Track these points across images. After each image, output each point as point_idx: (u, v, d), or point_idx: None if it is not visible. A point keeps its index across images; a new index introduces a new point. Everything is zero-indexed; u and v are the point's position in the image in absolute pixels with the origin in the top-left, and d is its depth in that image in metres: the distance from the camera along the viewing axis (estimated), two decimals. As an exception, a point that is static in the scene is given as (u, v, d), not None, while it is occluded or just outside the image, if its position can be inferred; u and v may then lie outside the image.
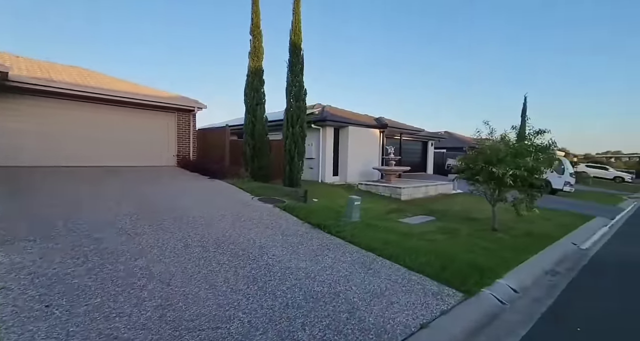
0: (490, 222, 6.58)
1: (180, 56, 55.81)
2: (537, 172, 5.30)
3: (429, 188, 10.71)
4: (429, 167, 19.22)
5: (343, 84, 57.55)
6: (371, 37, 44.94)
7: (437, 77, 55.68)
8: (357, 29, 45.17)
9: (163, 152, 10.46)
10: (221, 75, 73.87)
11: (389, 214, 7.93)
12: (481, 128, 6.17)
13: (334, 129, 12.27)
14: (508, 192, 5.91)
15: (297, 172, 8.42)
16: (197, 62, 59.17)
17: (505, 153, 5.40)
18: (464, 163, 6.21)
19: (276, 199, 7.04)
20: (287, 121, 8.26)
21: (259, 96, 9.34)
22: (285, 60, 8.20)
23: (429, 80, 57.59)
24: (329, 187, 11.26)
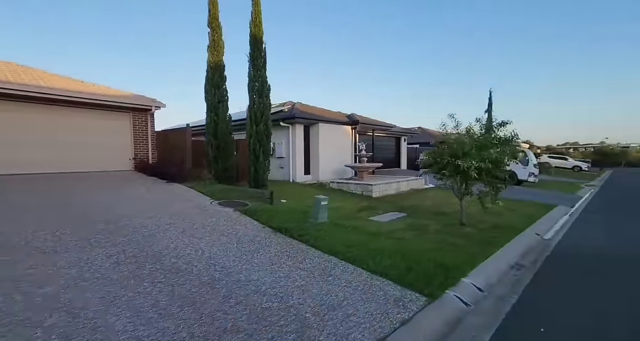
0: (459, 216, 6.54)
1: (137, 52, 51.06)
2: (501, 164, 5.26)
3: (401, 184, 10.65)
4: (403, 162, 19.39)
5: (317, 83, 56.97)
6: (344, 34, 44.47)
7: (409, 74, 56.71)
8: (324, 26, 44.42)
9: (118, 155, 9.62)
10: (188, 73, 70.84)
11: (359, 213, 7.72)
12: (447, 122, 6.08)
13: (304, 127, 11.92)
14: (474, 185, 5.86)
15: (263, 172, 8.00)
16: (162, 59, 54.66)
17: (470, 147, 5.31)
18: (431, 158, 6.09)
19: (238, 202, 6.60)
20: (251, 119, 7.80)
21: (221, 93, 8.79)
22: (247, 53, 7.72)
23: (402, 77, 58.50)
24: (300, 186, 10.91)
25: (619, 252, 5.27)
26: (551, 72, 61.65)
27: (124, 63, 47.57)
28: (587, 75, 62.30)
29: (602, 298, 3.50)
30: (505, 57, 53.93)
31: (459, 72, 57.92)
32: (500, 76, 55.31)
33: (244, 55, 7.88)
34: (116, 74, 47.65)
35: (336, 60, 49.25)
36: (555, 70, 57.30)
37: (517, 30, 44.72)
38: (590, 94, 77.41)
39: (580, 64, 56.78)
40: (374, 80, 60.44)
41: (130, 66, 47.15)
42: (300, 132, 11.81)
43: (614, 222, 7.79)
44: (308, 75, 53.94)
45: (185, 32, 33.15)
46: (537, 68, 54.84)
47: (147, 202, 5.92)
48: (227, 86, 9.00)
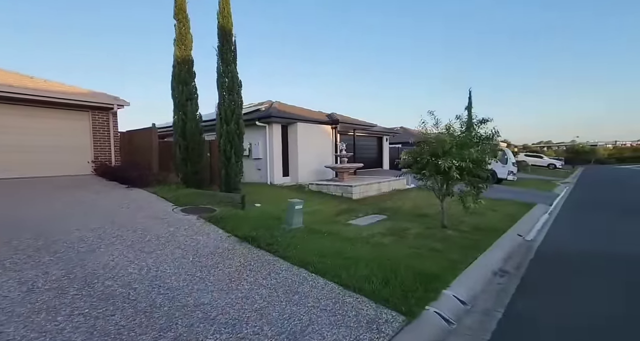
0: (440, 218, 6.26)
1: (101, 49, 45.19)
2: (482, 163, 5.01)
3: (382, 185, 10.37)
4: (385, 162, 19.23)
5: (301, 82, 55.84)
6: (325, 34, 43.72)
7: (393, 74, 56.99)
8: (305, 25, 43.55)
9: (75, 158, 8.79)
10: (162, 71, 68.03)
11: (338, 216, 7.33)
12: (426, 119, 5.78)
13: (281, 126, 11.42)
14: (455, 185, 5.58)
15: (235, 174, 7.45)
16: (131, 56, 49.38)
17: (450, 145, 5.03)
18: (411, 157, 5.77)
19: (205, 208, 6.03)
20: (221, 117, 7.24)
21: (189, 90, 8.15)
22: (215, 47, 7.15)
23: (385, 77, 58.57)
24: (278, 189, 10.41)
25: (601, 250, 5.13)
26: (527, 73, 63.82)
27: (91, 61, 42.57)
28: (559, 77, 65.06)
29: (593, 303, 3.24)
30: (484, 56, 55.26)
31: (439, 70, 58.85)
32: (481, 76, 56.77)
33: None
34: (83, 73, 42.58)
35: (319, 59, 48.19)
36: (530, 72, 59.39)
37: (496, 29, 45.95)
38: (561, 95, 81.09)
39: (553, 66, 59.15)
40: (358, 80, 60.22)
41: (97, 64, 42.17)
42: (278, 132, 11.30)
43: (592, 219, 7.79)
44: (291, 75, 52.69)
45: (155, 27, 28.52)
46: (513, 70, 56.61)
47: (96, 211, 5.26)
48: (196, 83, 8.38)
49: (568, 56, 58.02)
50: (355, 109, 76.39)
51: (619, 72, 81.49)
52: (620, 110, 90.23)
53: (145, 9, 32.26)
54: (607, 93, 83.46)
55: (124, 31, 34.85)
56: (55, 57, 37.64)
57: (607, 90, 77.94)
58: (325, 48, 44.51)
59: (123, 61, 40.17)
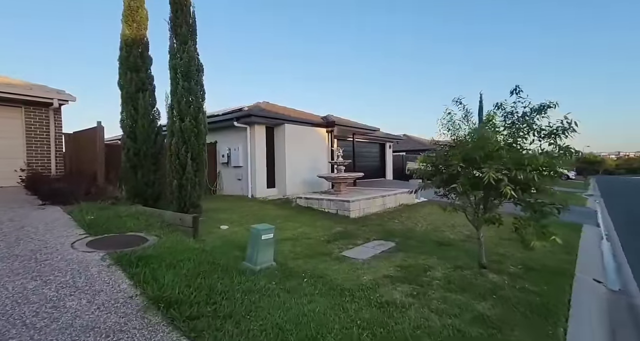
0: (471, 249, 4.39)
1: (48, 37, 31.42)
2: (552, 172, 3.15)
3: (387, 199, 8.48)
4: (388, 171, 17.37)
5: (298, 84, 53.44)
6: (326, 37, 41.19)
7: (393, 81, 54.96)
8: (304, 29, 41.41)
9: (2, 166, 6.98)
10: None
11: (329, 244, 5.43)
12: (453, 109, 3.95)
13: (266, 128, 9.63)
14: (501, 205, 3.70)
15: (193, 187, 5.60)
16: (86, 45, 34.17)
17: (496, 145, 3.18)
18: (431, 165, 3.91)
19: (131, 238, 4.15)
20: (172, 110, 5.46)
21: (141, 78, 6.41)
22: (165, 19, 5.44)
23: (384, 83, 56.43)
24: (259, 204, 8.53)
25: None
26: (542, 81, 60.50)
27: (34, 52, 32.28)
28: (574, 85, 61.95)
29: None
30: (485, 64, 53.39)
31: (443, 76, 56.51)
32: (489, 81, 54.89)
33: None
34: (26, 64, 33.14)
35: (314, 61, 45.05)
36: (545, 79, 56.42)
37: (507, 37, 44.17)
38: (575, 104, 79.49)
39: (564, 74, 56.34)
40: (358, 82, 57.70)
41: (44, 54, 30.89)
42: (262, 135, 9.50)
43: None
44: (289, 77, 49.79)
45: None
46: (526, 76, 53.73)
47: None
48: (152, 71, 6.65)
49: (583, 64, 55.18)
50: (353, 115, 73.09)
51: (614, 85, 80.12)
52: (620, 121, 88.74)
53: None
54: (606, 103, 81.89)
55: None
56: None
57: (606, 100, 76.43)
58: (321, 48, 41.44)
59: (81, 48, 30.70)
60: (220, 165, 10.15)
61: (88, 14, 28.65)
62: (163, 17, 5.50)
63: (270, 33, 44.92)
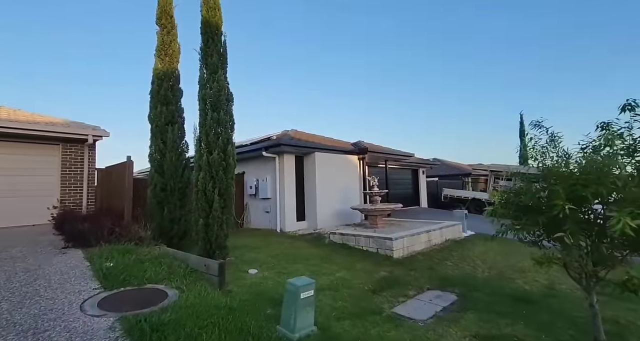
0: (563, 309, 3.33)
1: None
2: None
3: (433, 234, 7.45)
4: (423, 199, 16.16)
5: (319, 114, 53.62)
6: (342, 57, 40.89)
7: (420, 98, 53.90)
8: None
9: (38, 203, 6.94)
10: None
11: (375, 295, 4.53)
12: (535, 134, 3.15)
13: (295, 157, 9.17)
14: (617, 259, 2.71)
15: (221, 226, 5.05)
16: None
17: (625, 180, 2.30)
18: (520, 196, 3.02)
19: (151, 292, 3.57)
20: (201, 143, 5.10)
21: (171, 112, 6.25)
22: (196, 49, 5.27)
23: (411, 105, 55.15)
24: (289, 240, 7.82)
25: None
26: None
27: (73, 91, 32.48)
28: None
29: None
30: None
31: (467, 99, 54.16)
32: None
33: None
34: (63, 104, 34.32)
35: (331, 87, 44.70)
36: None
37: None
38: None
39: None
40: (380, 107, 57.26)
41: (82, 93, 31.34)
42: (291, 165, 9.03)
43: None
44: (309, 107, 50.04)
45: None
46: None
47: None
48: (183, 104, 6.51)
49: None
50: (381, 140, 70.63)
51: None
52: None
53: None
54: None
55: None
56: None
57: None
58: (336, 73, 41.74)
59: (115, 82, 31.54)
60: (248, 196, 9.72)
61: (124, 52, 31.34)
62: (194, 47, 5.35)
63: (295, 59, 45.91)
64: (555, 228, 2.66)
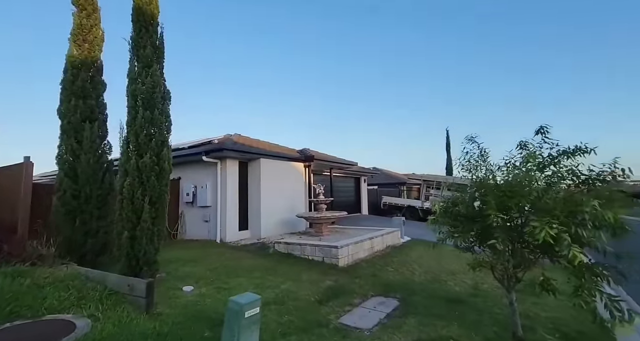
0: (487, 308, 3.72)
1: None
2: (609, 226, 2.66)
3: (375, 241, 7.75)
4: (364, 206, 16.89)
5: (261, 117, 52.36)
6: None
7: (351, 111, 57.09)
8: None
9: None
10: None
11: (322, 306, 4.45)
12: (469, 148, 3.49)
13: (239, 163, 8.70)
14: (535, 264, 3.12)
15: (150, 239, 4.41)
16: None
17: (552, 197, 2.63)
18: (459, 205, 3.28)
19: (49, 326, 2.89)
20: (128, 144, 4.42)
21: (90, 106, 5.36)
22: (126, 39, 4.59)
23: (339, 113, 57.81)
24: (230, 250, 7.30)
25: None
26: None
27: None
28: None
29: None
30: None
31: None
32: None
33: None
34: None
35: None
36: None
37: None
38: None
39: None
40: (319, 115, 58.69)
41: None
42: (234, 171, 8.53)
43: None
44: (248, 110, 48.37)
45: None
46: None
47: None
48: (108, 100, 5.64)
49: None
50: (319, 148, 70.46)
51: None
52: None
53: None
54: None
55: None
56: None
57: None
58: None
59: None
60: (184, 204, 8.85)
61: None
62: (123, 37, 4.66)
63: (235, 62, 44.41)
64: (487, 235, 2.93)
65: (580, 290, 2.56)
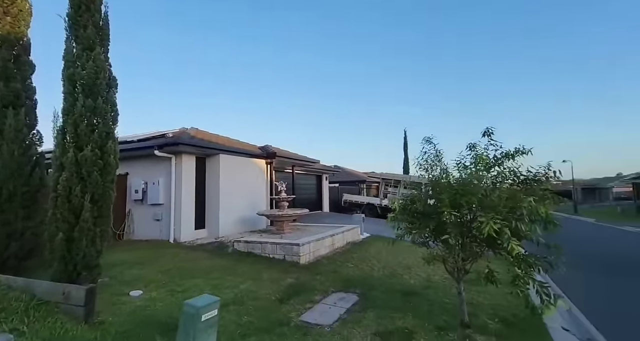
0: (438, 299, 4.00)
1: None
2: (545, 221, 2.99)
3: (336, 238, 7.86)
4: (325, 204, 17.09)
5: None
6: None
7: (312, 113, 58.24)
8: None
9: None
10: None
11: (283, 304, 4.39)
12: (426, 148, 3.68)
13: (196, 159, 8.22)
14: (481, 256, 3.41)
15: (92, 241, 3.95)
16: None
17: (497, 195, 2.87)
18: (417, 202, 3.43)
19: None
20: (64, 135, 3.90)
21: (15, 90, 4.64)
22: (62, 16, 4.01)
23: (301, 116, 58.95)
24: (185, 250, 6.88)
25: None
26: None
27: None
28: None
29: None
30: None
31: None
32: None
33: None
34: None
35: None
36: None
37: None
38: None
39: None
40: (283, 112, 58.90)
41: None
42: (190, 167, 8.04)
43: (617, 285, 6.10)
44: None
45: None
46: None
47: None
48: (33, 81, 4.93)
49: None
50: (281, 144, 69.01)
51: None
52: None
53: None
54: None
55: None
56: None
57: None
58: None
59: None
60: (132, 202, 8.13)
61: None
62: (59, 13, 4.08)
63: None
64: (441, 231, 3.12)
65: (518, 280, 2.84)
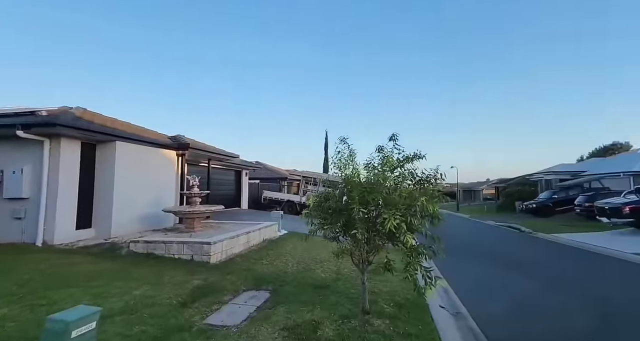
0: (345, 290, 4.31)
1: None
2: (432, 217, 3.48)
3: (252, 235, 7.62)
4: (244, 200, 16.47)
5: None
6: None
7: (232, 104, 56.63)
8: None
9: None
10: None
11: (186, 308, 4.01)
12: (341, 148, 3.88)
13: (82, 145, 6.79)
14: (381, 248, 3.78)
15: None
16: None
17: (398, 194, 3.20)
18: (330, 200, 3.57)
19: None
20: None
21: None
22: None
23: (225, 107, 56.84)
24: (60, 254, 5.61)
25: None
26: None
27: None
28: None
29: None
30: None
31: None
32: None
33: None
34: None
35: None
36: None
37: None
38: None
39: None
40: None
41: None
42: (73, 153, 6.60)
43: (480, 267, 7.65)
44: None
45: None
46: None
47: None
48: None
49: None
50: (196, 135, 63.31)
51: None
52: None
53: None
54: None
55: None
56: None
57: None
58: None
59: None
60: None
61: None
62: None
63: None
64: (350, 226, 3.33)
65: (409, 266, 3.25)
